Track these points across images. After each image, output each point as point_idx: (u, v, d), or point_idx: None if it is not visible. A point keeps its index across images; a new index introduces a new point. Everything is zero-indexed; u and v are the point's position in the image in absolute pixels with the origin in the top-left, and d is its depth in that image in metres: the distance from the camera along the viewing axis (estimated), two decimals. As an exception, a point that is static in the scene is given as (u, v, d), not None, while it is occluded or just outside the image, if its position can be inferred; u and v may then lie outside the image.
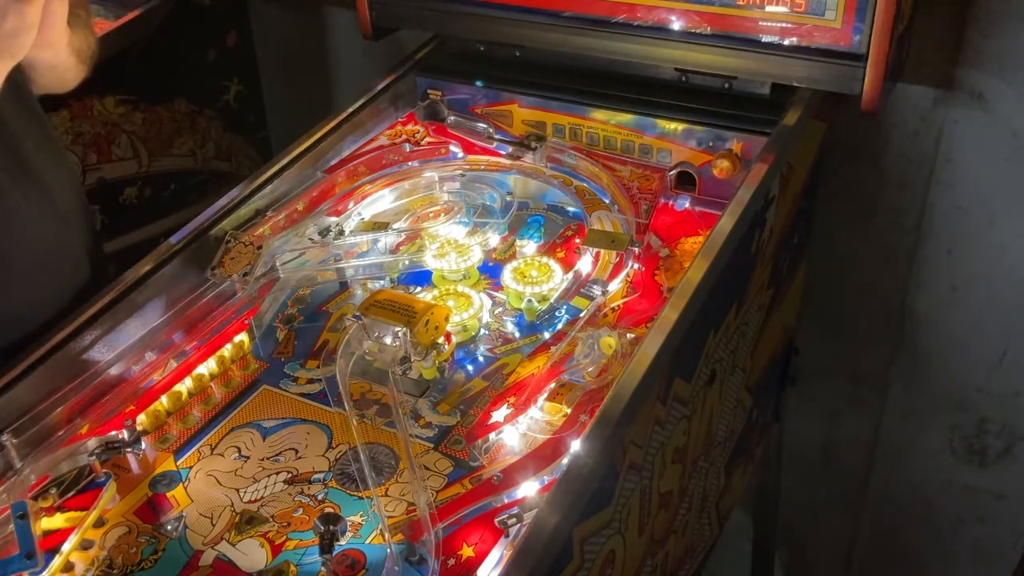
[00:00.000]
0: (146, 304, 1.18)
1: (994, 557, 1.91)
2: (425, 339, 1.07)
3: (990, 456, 1.81)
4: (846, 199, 1.66)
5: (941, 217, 1.61)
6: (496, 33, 1.48)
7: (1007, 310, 1.64)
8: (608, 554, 0.99)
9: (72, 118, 1.67)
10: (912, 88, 1.51)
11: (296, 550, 0.93)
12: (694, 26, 1.32)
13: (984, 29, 1.43)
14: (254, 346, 1.19)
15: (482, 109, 1.52)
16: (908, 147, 1.58)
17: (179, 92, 1.87)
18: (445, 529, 0.93)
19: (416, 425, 1.06)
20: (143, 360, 1.16)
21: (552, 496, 0.86)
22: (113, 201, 1.80)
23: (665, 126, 1.38)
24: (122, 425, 1.05)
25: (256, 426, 1.08)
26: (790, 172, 1.34)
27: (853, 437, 1.93)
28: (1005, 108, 1.48)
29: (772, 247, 1.35)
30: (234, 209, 1.30)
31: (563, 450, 0.98)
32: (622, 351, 1.07)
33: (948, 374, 1.75)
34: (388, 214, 1.38)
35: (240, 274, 1.22)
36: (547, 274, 1.21)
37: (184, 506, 0.99)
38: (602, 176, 1.38)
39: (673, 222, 1.29)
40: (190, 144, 1.93)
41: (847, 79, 1.25)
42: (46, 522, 0.96)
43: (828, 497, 2.06)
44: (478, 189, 1.37)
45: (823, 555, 2.17)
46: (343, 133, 1.45)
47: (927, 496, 1.92)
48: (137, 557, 0.94)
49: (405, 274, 1.28)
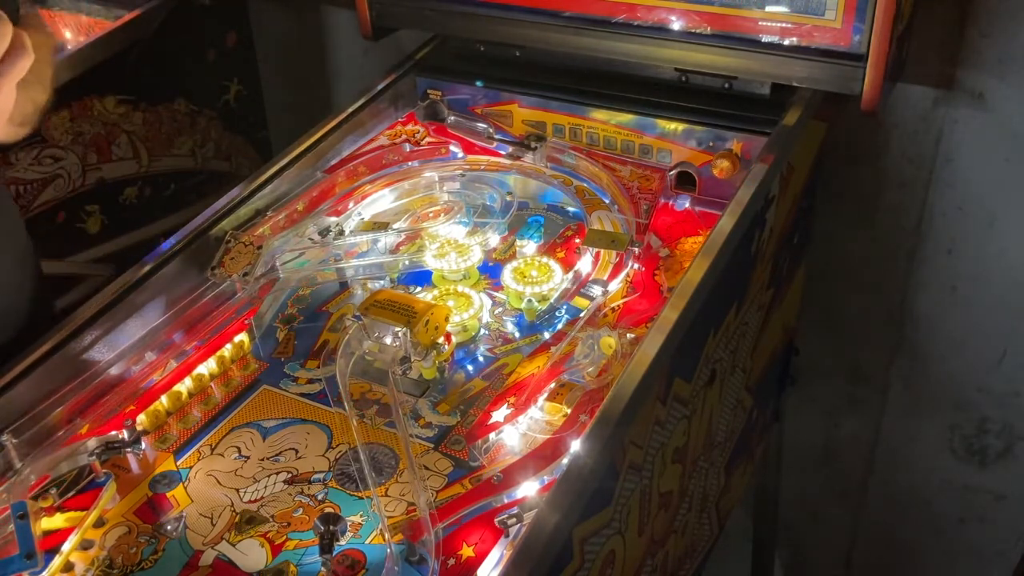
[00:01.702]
0: (146, 304, 1.18)
1: (994, 557, 1.91)
2: (425, 339, 1.07)
3: (990, 456, 1.81)
4: (846, 199, 1.66)
5: (941, 217, 1.61)
6: (496, 33, 1.48)
7: (1007, 310, 1.64)
8: (608, 554, 0.99)
9: (72, 118, 1.67)
10: (912, 88, 1.51)
11: (296, 550, 0.93)
12: (694, 26, 1.32)
13: (984, 29, 1.43)
14: (254, 346, 1.19)
15: (482, 109, 1.52)
16: (908, 147, 1.58)
17: (179, 92, 1.87)
18: (445, 529, 0.93)
19: (416, 425, 1.06)
20: (143, 360, 1.16)
21: (552, 496, 0.86)
22: (113, 201, 1.80)
23: (665, 126, 1.38)
24: (122, 425, 1.05)
25: (256, 426, 1.08)
26: (790, 172, 1.34)
27: (853, 437, 1.93)
28: (1005, 108, 1.48)
29: (772, 247, 1.35)
30: (234, 209, 1.30)
31: (563, 450, 0.98)
32: (622, 351, 1.07)
33: (948, 374, 1.75)
34: (388, 214, 1.38)
35: (240, 274, 1.22)
36: (547, 274, 1.21)
37: (184, 506, 0.99)
38: (602, 176, 1.38)
39: (673, 222, 1.29)
40: (190, 144, 1.93)
41: (847, 79, 1.25)
42: (46, 522, 0.96)
43: (828, 497, 2.06)
44: (478, 189, 1.37)
45: (823, 555, 2.17)
46: (343, 133, 1.45)
47: (927, 496, 1.92)
48: (137, 557, 0.94)
49: (405, 274, 1.28)
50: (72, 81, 1.64)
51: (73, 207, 1.71)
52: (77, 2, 1.84)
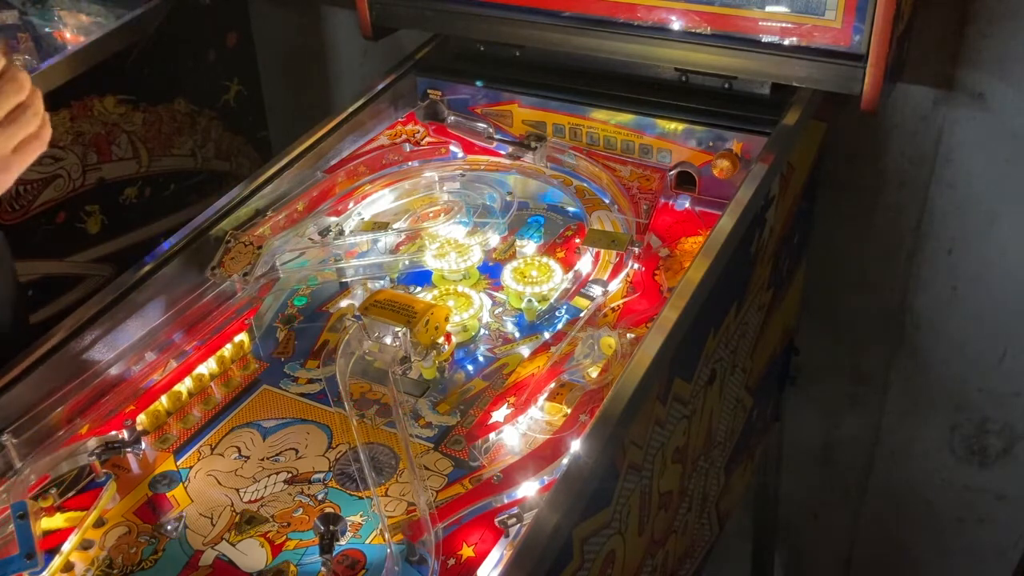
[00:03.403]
0: (146, 304, 1.18)
1: (994, 557, 1.91)
2: (425, 339, 1.07)
3: (990, 456, 1.81)
4: (846, 199, 1.66)
5: (941, 217, 1.61)
6: (496, 33, 1.48)
7: (1007, 310, 1.64)
8: (608, 554, 0.99)
9: (72, 118, 1.67)
10: (912, 88, 1.51)
11: (296, 550, 0.93)
12: (694, 26, 1.32)
13: (984, 29, 1.43)
14: (254, 346, 1.19)
15: (482, 109, 1.52)
16: (908, 147, 1.58)
17: (179, 92, 1.87)
18: (445, 529, 0.93)
19: (416, 425, 1.06)
20: (143, 360, 1.16)
21: (552, 496, 0.86)
22: (113, 201, 1.80)
23: (665, 126, 1.38)
24: (122, 425, 1.05)
25: (256, 426, 1.08)
26: (790, 172, 1.34)
27: (853, 437, 1.93)
28: (1005, 108, 1.48)
29: (772, 247, 1.35)
30: (234, 209, 1.30)
31: (563, 450, 0.98)
32: (622, 351, 1.07)
33: (948, 374, 1.75)
34: (388, 214, 1.38)
35: (240, 274, 1.22)
36: (547, 274, 1.21)
37: (184, 506, 0.99)
38: (602, 176, 1.38)
39: (673, 222, 1.29)
40: (190, 144, 1.93)
41: (847, 79, 1.25)
42: (46, 522, 0.96)
43: (828, 497, 2.06)
44: (478, 189, 1.37)
45: (823, 555, 2.17)
46: (343, 133, 1.45)
47: (927, 496, 1.92)
48: (137, 557, 0.94)
49: (405, 274, 1.28)
50: (72, 81, 1.64)
51: (73, 207, 1.71)
52: (77, 2, 1.84)
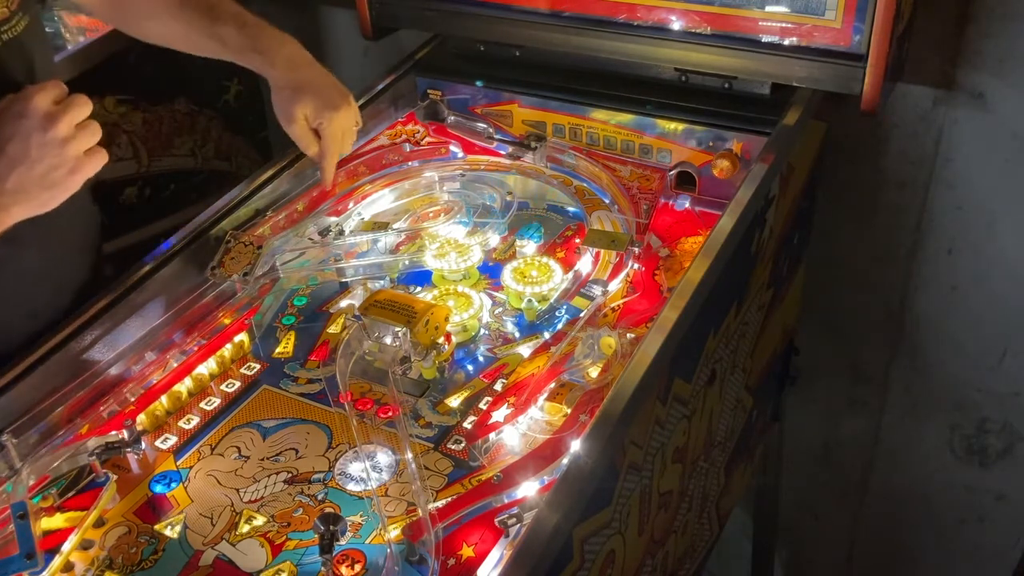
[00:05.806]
0: (146, 304, 1.18)
1: (994, 557, 1.91)
2: (425, 339, 1.07)
3: (990, 456, 1.81)
4: (846, 199, 1.66)
5: (941, 217, 1.61)
6: (496, 33, 1.48)
7: (1007, 310, 1.64)
8: (608, 554, 0.99)
9: (72, 118, 1.67)
10: (912, 88, 1.51)
11: (296, 550, 0.93)
12: (694, 26, 1.32)
13: (984, 29, 1.43)
14: (254, 346, 1.19)
15: (482, 109, 1.52)
16: (908, 147, 1.58)
17: (179, 92, 1.87)
18: (445, 529, 0.93)
19: (416, 425, 1.06)
20: (143, 360, 1.16)
21: (552, 496, 0.86)
22: (113, 201, 1.80)
23: (665, 126, 1.38)
24: (122, 425, 1.05)
25: (256, 426, 1.08)
26: (790, 172, 1.34)
27: (853, 437, 1.93)
28: (1005, 108, 1.48)
29: (772, 247, 1.35)
30: (234, 209, 1.30)
31: (563, 450, 0.98)
32: (622, 351, 1.07)
33: (948, 374, 1.75)
34: (388, 214, 1.38)
35: (240, 274, 1.22)
36: (547, 274, 1.21)
37: (184, 506, 0.99)
38: (602, 176, 1.38)
39: (673, 222, 1.29)
40: (190, 144, 1.93)
41: (847, 79, 1.25)
42: (46, 522, 0.96)
43: (828, 497, 2.06)
44: (478, 189, 1.37)
45: (823, 555, 2.17)
46: (343, 133, 1.45)
47: (927, 496, 1.92)
48: (137, 557, 0.94)
49: (405, 274, 1.28)
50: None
51: (73, 207, 1.71)
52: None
